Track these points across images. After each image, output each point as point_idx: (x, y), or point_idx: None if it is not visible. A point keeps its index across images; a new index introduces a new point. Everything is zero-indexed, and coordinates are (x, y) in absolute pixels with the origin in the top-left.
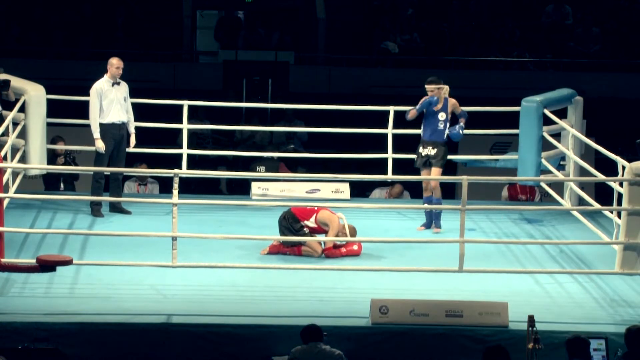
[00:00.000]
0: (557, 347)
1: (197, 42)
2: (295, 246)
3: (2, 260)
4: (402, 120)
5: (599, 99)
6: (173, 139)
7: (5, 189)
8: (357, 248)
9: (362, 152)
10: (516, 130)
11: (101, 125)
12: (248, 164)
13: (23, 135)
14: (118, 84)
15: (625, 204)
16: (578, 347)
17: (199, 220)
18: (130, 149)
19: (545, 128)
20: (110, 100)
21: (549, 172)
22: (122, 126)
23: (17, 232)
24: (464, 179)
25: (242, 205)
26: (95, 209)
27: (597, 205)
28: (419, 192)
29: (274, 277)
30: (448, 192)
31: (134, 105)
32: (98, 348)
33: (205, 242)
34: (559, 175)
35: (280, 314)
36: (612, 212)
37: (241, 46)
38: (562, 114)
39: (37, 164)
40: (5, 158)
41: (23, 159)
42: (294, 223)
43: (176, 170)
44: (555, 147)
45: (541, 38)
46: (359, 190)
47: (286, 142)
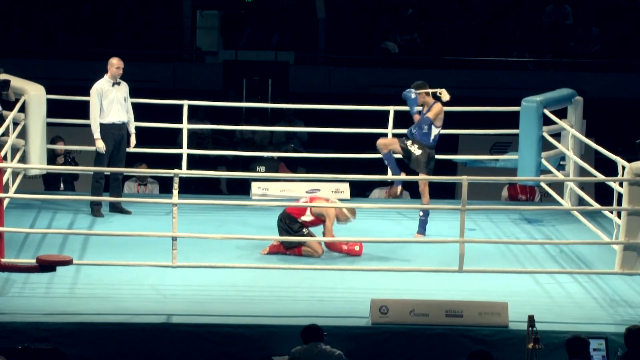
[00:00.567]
0: (557, 347)
1: (197, 42)
2: (295, 247)
3: (2, 260)
4: (402, 120)
5: (599, 99)
6: (173, 139)
7: (5, 189)
8: (358, 249)
9: (362, 152)
10: (516, 130)
11: (101, 125)
12: (248, 164)
13: (23, 135)
14: (118, 84)
15: (625, 204)
16: (578, 347)
17: (199, 220)
18: (131, 149)
19: (545, 128)
20: (110, 101)
21: (549, 172)
22: (122, 126)
23: (17, 232)
24: (464, 179)
25: (242, 205)
26: (95, 209)
27: (597, 205)
28: (419, 192)
29: (274, 277)
30: (448, 192)
31: (134, 105)
32: (98, 348)
33: (205, 242)
34: (559, 175)
35: (280, 314)
36: (612, 212)
37: (242, 46)
38: (562, 114)
39: (37, 164)
40: (5, 158)
41: (23, 159)
42: (291, 223)
43: (176, 170)
44: (555, 147)
45: (541, 38)
46: (358, 190)
47: (286, 142)
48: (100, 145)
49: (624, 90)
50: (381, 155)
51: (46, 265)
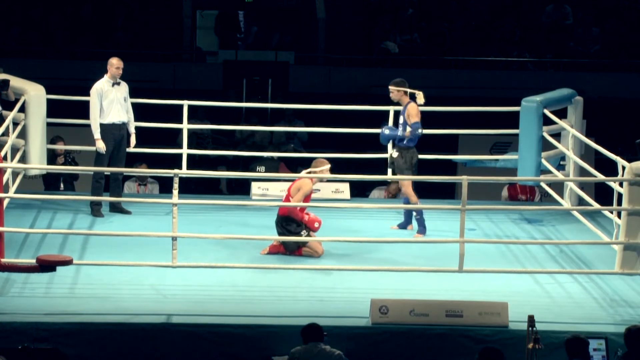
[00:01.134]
0: (557, 347)
1: (197, 42)
2: (295, 250)
3: (2, 260)
4: None
5: (599, 99)
6: (173, 139)
7: (5, 189)
8: (317, 226)
9: (362, 152)
10: (516, 130)
11: (101, 125)
12: (248, 164)
13: (23, 135)
14: (118, 84)
15: (625, 204)
16: (577, 347)
17: (199, 220)
18: (131, 149)
19: (545, 128)
20: (110, 101)
21: (549, 172)
22: (122, 126)
23: (17, 232)
24: (464, 179)
25: (242, 205)
26: (95, 209)
27: (597, 205)
28: (419, 192)
29: (274, 277)
30: (448, 192)
31: (134, 105)
32: (98, 348)
33: (205, 242)
34: (559, 175)
35: (280, 314)
36: (612, 212)
37: (241, 46)
38: (562, 114)
39: (37, 164)
40: (5, 158)
41: (23, 159)
42: (288, 225)
43: (176, 170)
44: (555, 147)
45: (541, 38)
46: (358, 190)
47: (286, 142)
48: (101, 146)
49: (624, 90)
50: (382, 156)
51: (46, 265)
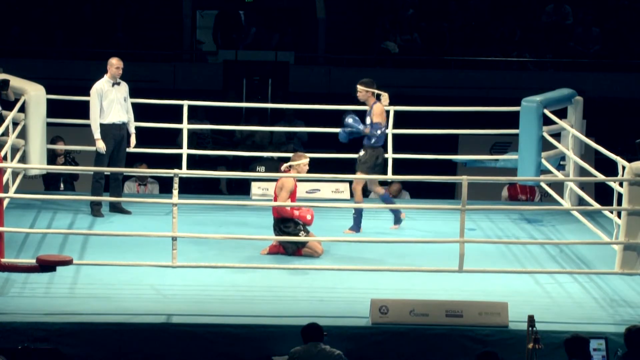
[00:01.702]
0: (557, 347)
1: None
2: (294, 251)
3: (2, 260)
4: (402, 120)
5: (599, 99)
6: (173, 139)
7: (5, 189)
8: (310, 218)
9: None
10: (516, 130)
11: (101, 125)
12: (248, 164)
13: (23, 135)
14: (118, 84)
15: (625, 204)
16: (577, 346)
17: (199, 220)
18: (131, 149)
19: (545, 128)
20: (110, 101)
21: (549, 172)
22: (122, 126)
23: (17, 232)
24: (464, 179)
25: (242, 205)
26: (95, 209)
27: (597, 205)
28: (418, 192)
29: (274, 277)
30: (448, 192)
31: (134, 105)
32: (98, 348)
33: (205, 242)
34: (559, 175)
35: (280, 314)
36: (612, 212)
37: (241, 46)
38: (562, 114)
39: (37, 164)
40: (5, 158)
41: (23, 159)
42: (285, 227)
43: (176, 170)
44: (555, 147)
45: (541, 38)
46: None
47: (286, 142)
48: (101, 146)
49: (624, 90)
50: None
51: (46, 265)
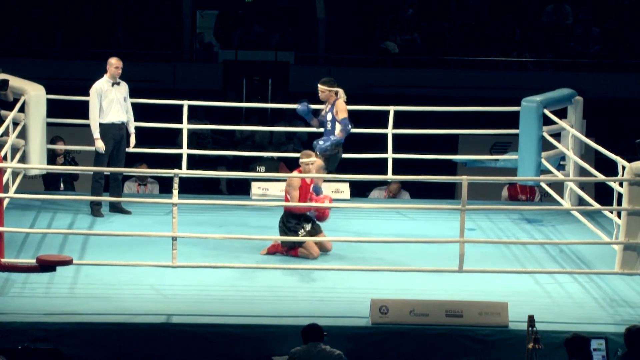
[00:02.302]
0: (557, 347)
1: (197, 42)
2: (292, 248)
3: (2, 260)
4: (402, 120)
5: (599, 99)
6: (173, 139)
7: (5, 189)
8: (328, 202)
9: (362, 152)
10: (516, 130)
11: (101, 125)
12: (248, 164)
13: (23, 135)
14: (118, 84)
15: (625, 204)
16: (577, 346)
17: (199, 220)
18: (130, 149)
19: (545, 128)
20: (110, 100)
21: (549, 172)
22: (122, 126)
23: (17, 232)
24: (464, 179)
25: (242, 205)
26: (95, 209)
27: (597, 205)
28: (418, 192)
29: (274, 277)
30: (448, 192)
31: (134, 105)
32: (98, 348)
33: (205, 242)
34: (559, 175)
35: (280, 314)
36: (612, 212)
37: (241, 46)
38: (562, 114)
39: (37, 164)
40: (5, 158)
41: (23, 159)
42: (288, 222)
43: (176, 170)
44: (555, 147)
45: (541, 38)
46: (358, 190)
47: (286, 142)
48: (100, 145)
49: (624, 90)
50: (382, 156)
51: (46, 265)
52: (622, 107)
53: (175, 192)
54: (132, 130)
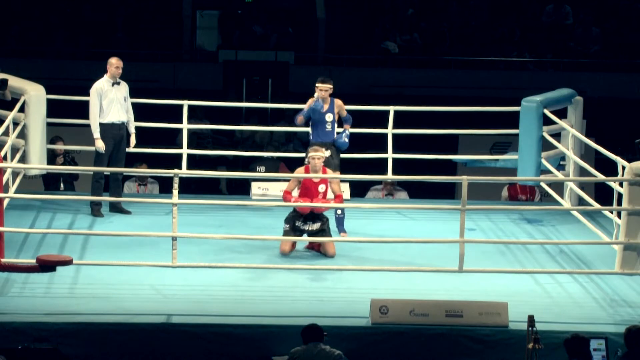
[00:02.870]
0: (557, 347)
1: (197, 42)
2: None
3: (2, 260)
4: (402, 120)
5: (599, 99)
6: (173, 139)
7: (5, 189)
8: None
9: (361, 152)
10: (516, 130)
11: (101, 125)
12: (248, 164)
13: (23, 135)
14: (118, 83)
15: (625, 204)
16: (577, 346)
17: (199, 220)
18: (130, 149)
19: (545, 128)
20: (110, 100)
21: (549, 172)
22: (122, 126)
23: (17, 232)
24: (464, 179)
25: (242, 205)
26: (95, 209)
27: (597, 205)
28: (418, 192)
29: (274, 277)
30: (448, 192)
31: (134, 105)
32: (98, 348)
33: (205, 242)
34: (559, 175)
35: (280, 314)
36: (612, 212)
37: (241, 46)
38: (562, 114)
39: (37, 164)
40: (5, 158)
41: (23, 159)
42: (292, 223)
43: (176, 170)
44: (555, 147)
45: (541, 38)
46: (358, 190)
47: (286, 142)
48: (100, 145)
49: (624, 90)
50: (382, 156)
51: (46, 265)
52: (622, 107)
53: (175, 192)
54: (132, 130)
